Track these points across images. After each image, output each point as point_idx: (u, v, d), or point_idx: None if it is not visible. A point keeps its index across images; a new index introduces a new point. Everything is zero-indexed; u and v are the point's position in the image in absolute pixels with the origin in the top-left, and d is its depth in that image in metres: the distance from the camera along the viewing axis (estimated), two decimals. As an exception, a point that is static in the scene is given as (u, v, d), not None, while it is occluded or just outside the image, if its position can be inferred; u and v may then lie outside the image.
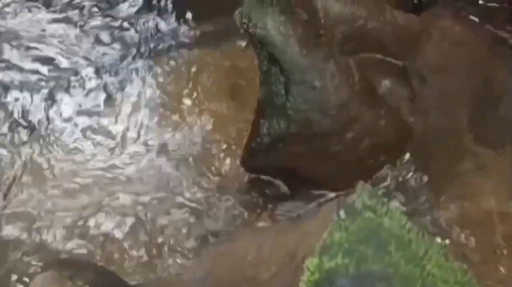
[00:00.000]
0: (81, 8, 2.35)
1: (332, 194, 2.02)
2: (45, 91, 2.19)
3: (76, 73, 2.24)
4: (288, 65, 1.75)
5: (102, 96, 2.20)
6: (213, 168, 2.04)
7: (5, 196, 1.96)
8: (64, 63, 2.26)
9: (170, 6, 2.35)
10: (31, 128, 2.11)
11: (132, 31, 2.31)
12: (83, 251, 1.91)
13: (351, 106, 1.82)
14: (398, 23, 2.21)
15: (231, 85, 2.23)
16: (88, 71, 2.23)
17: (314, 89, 1.76)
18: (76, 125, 2.14)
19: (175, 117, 2.15)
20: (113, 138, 2.11)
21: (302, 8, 1.90)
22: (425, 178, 2.10)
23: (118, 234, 1.94)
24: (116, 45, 2.30)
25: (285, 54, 1.74)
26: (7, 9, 2.32)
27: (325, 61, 1.77)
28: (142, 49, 2.27)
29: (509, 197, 2.15)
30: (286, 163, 1.93)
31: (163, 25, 2.31)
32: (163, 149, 2.10)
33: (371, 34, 2.13)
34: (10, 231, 1.92)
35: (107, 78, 2.22)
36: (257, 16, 1.76)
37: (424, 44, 2.30)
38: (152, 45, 2.28)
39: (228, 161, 2.03)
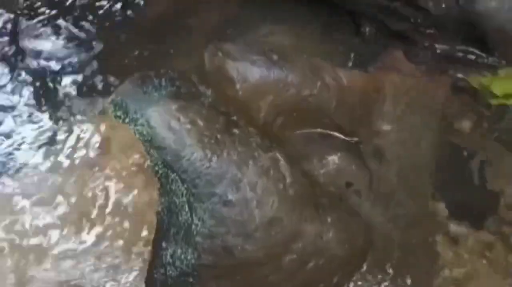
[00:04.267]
0: None
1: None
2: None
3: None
4: (188, 175, 1.21)
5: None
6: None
7: None
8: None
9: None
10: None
11: None
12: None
13: (285, 220, 1.28)
14: (342, 85, 1.72)
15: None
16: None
17: (229, 205, 1.22)
18: None
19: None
20: None
21: (205, 83, 1.37)
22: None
23: None
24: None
25: (181, 160, 1.20)
26: None
27: (242, 164, 1.23)
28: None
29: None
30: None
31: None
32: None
33: (308, 103, 1.63)
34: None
35: None
36: (136, 106, 1.21)
37: (376, 106, 1.81)
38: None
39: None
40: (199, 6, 1.79)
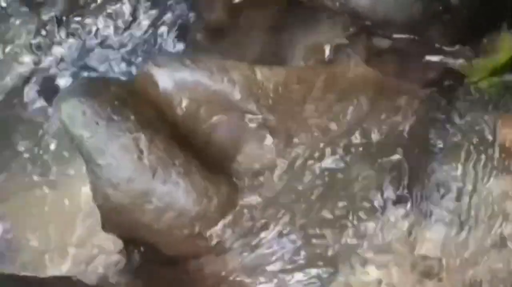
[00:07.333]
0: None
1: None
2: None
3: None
4: (78, 147, 1.93)
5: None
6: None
7: None
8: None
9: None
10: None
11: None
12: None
13: (140, 180, 1.88)
14: (252, 79, 2.10)
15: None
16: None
17: (97, 166, 1.89)
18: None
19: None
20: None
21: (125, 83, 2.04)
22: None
23: None
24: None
25: (74, 138, 1.93)
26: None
27: (108, 141, 1.88)
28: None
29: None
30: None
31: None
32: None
33: (218, 96, 2.10)
34: None
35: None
36: (61, 103, 1.98)
37: (297, 97, 2.11)
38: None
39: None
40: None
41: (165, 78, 2.09)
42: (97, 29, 2.50)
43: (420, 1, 1.88)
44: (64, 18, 2.61)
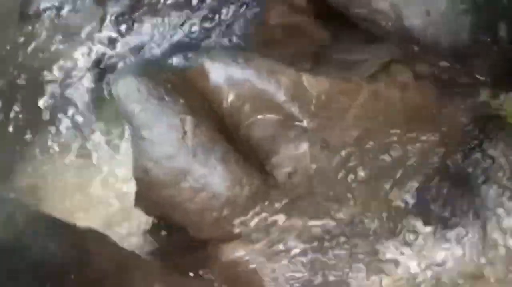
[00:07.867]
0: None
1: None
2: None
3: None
4: (127, 120, 2.05)
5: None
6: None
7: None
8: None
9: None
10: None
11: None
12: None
13: (180, 159, 1.98)
14: (298, 84, 2.21)
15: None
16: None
17: (143, 140, 2.01)
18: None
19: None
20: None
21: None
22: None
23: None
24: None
25: (125, 112, 2.06)
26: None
27: (156, 118, 2.00)
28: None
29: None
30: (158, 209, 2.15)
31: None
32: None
33: (262, 96, 2.20)
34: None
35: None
36: (118, 79, 2.12)
37: (337, 106, 2.21)
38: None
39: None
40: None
41: (216, 72, 2.21)
42: (158, 23, 2.68)
43: (469, 29, 1.97)
44: (128, 12, 2.79)
